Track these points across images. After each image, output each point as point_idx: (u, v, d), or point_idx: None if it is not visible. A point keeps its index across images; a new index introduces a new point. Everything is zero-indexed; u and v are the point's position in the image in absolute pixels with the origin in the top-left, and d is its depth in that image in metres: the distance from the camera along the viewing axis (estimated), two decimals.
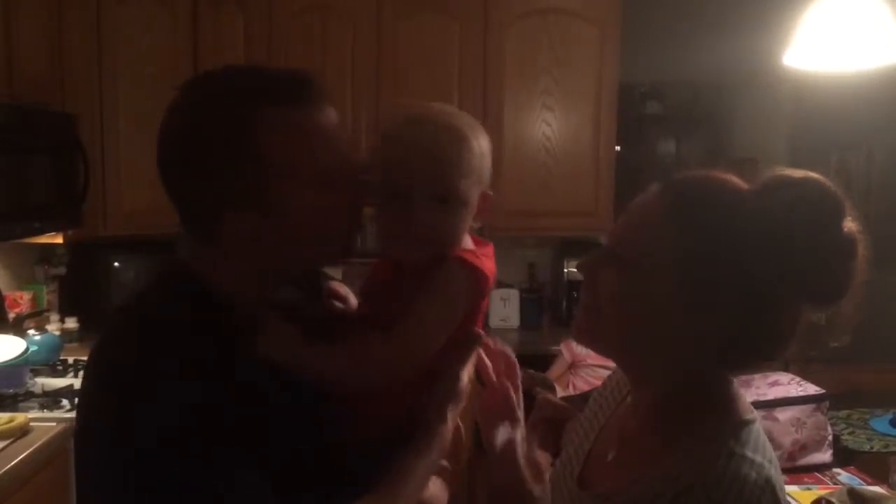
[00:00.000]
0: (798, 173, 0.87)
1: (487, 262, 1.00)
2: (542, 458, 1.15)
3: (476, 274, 0.97)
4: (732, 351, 0.86)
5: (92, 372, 0.92)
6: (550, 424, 1.13)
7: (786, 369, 2.14)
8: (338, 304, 1.14)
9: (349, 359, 0.94)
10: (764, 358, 0.89)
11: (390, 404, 0.98)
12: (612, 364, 3.21)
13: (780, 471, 0.86)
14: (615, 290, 0.87)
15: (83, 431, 0.91)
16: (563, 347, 3.14)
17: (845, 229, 0.84)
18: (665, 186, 0.89)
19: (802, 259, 0.81)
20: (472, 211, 0.99)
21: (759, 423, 0.89)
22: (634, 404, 0.97)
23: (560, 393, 3.04)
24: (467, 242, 1.02)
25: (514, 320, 3.75)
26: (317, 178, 0.90)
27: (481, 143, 0.98)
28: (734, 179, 0.88)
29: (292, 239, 0.91)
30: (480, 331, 1.04)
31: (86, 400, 0.93)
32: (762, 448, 0.85)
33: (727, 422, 0.86)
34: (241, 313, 0.94)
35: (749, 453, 0.83)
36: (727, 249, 0.82)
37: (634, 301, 0.86)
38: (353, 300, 1.16)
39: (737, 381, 0.92)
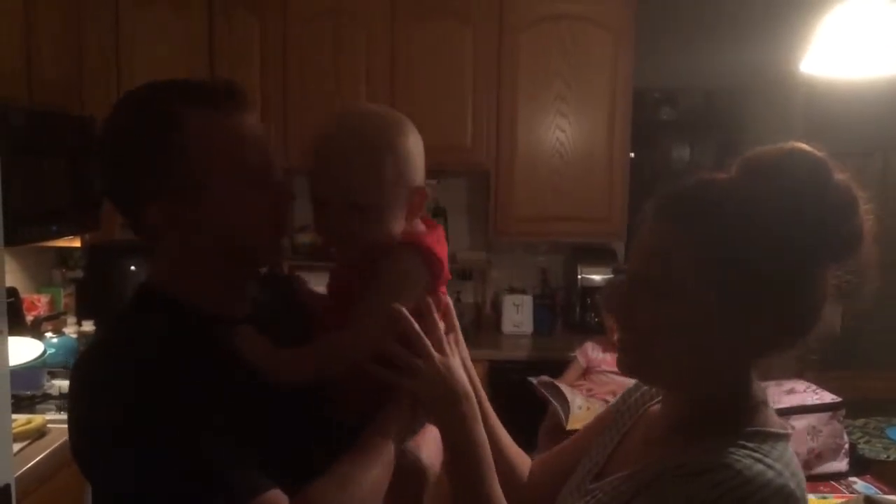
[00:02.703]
0: (774, 147, 0.88)
1: (435, 244, 1.03)
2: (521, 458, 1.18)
3: (422, 253, 1.00)
4: (775, 334, 0.87)
5: (75, 382, 0.97)
6: (560, 431, 1.13)
7: (801, 377, 2.13)
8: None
9: (313, 360, 0.98)
10: (800, 333, 0.89)
11: (367, 388, 1.01)
12: None
13: (804, 491, 0.85)
14: (653, 320, 0.87)
15: (77, 428, 0.95)
16: (578, 353, 3.14)
17: (835, 182, 0.86)
18: (661, 206, 0.89)
19: (807, 223, 0.83)
20: (400, 209, 1.02)
21: (789, 442, 0.88)
22: (663, 414, 0.97)
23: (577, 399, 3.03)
24: (417, 227, 1.06)
25: (526, 326, 3.75)
26: (233, 175, 0.96)
27: (402, 147, 1.00)
28: (716, 176, 0.90)
29: (210, 232, 0.97)
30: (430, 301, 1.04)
31: (72, 405, 0.97)
32: (787, 463, 0.84)
33: (755, 429, 0.86)
34: (206, 313, 1.00)
35: (770, 460, 0.82)
36: (741, 241, 0.84)
37: (674, 324, 0.86)
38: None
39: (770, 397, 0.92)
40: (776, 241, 0.83)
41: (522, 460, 1.20)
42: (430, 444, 1.09)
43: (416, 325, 0.98)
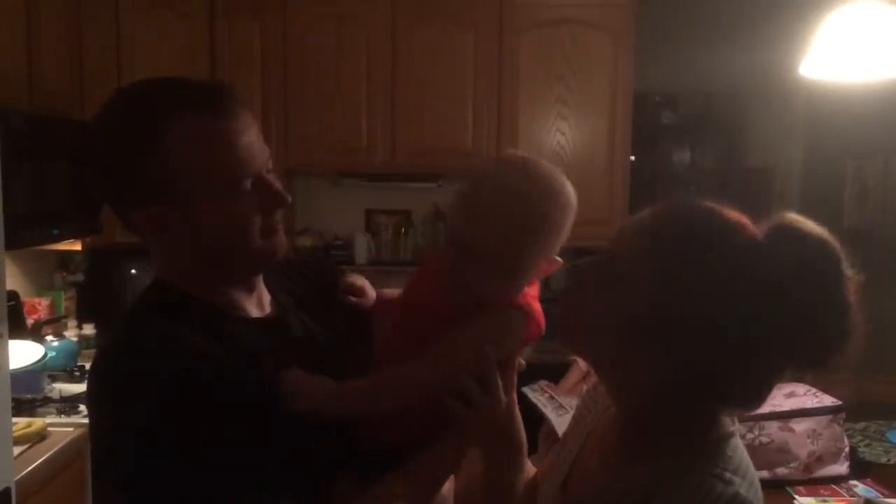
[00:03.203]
0: (805, 227, 0.81)
1: (538, 307, 1.02)
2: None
3: (528, 320, 1.00)
4: (693, 393, 0.83)
5: (92, 383, 0.97)
6: (556, 437, 1.14)
7: (802, 380, 2.13)
8: (353, 298, 1.16)
9: (380, 395, 0.96)
10: (733, 407, 0.85)
11: (413, 415, 1.00)
12: None
13: (756, 490, 0.84)
14: (598, 301, 0.87)
15: (95, 433, 0.96)
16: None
17: (844, 297, 0.79)
18: (663, 210, 0.86)
19: (792, 323, 0.78)
20: (530, 275, 1.01)
21: (737, 438, 0.87)
22: (614, 419, 0.97)
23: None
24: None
25: None
26: (218, 180, 0.95)
27: (563, 224, 1.01)
28: (736, 222, 0.83)
29: (199, 236, 0.96)
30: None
31: (91, 407, 0.98)
32: (736, 464, 0.83)
33: (702, 438, 0.85)
34: (218, 311, 0.99)
35: (717, 469, 0.81)
36: (705, 295, 0.79)
37: (611, 316, 0.85)
38: (372, 293, 1.18)
39: None
40: (746, 322, 0.78)
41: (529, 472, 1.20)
42: None
43: (497, 372, 0.98)
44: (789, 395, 2.04)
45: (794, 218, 0.83)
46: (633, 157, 3.72)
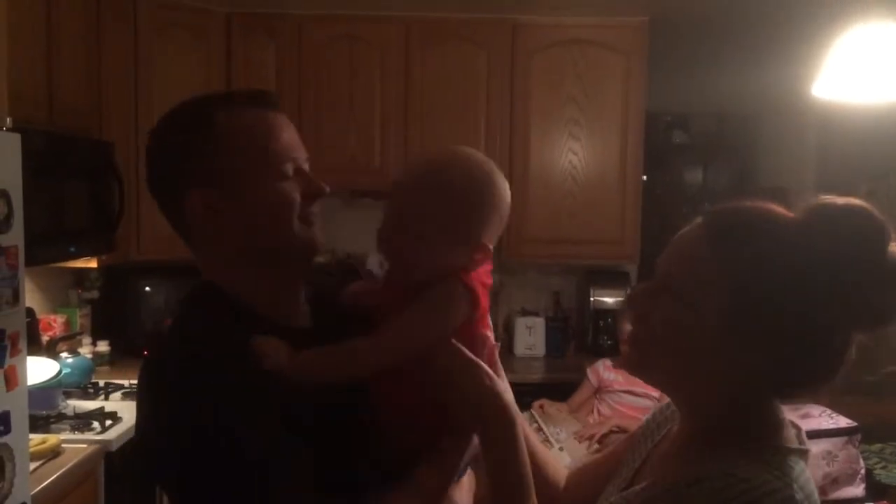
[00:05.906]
0: (841, 201, 0.87)
1: (484, 277, 1.06)
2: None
3: (466, 290, 1.03)
4: (783, 377, 0.87)
5: (143, 386, 1.00)
6: None
7: (817, 401, 2.12)
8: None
9: (335, 360, 1.00)
10: (818, 382, 0.89)
11: (420, 419, 1.02)
12: (637, 390, 3.19)
13: None
14: (668, 322, 0.88)
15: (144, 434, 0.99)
16: (589, 372, 3.13)
17: (890, 256, 0.84)
18: (709, 218, 0.91)
19: (848, 287, 0.82)
20: (462, 256, 1.05)
21: (806, 461, 0.88)
22: (680, 430, 0.98)
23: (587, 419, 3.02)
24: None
25: (539, 348, 3.75)
26: (264, 160, 1.02)
27: (500, 210, 1.11)
28: (776, 209, 0.89)
29: (251, 220, 1.02)
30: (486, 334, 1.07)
31: (141, 411, 1.01)
32: (797, 478, 0.84)
33: (765, 446, 0.86)
34: (259, 312, 1.03)
35: (779, 472, 0.82)
36: (773, 280, 0.84)
37: (687, 332, 0.87)
38: None
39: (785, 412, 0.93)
40: (811, 296, 0.83)
41: (558, 470, 1.21)
42: (463, 488, 1.09)
43: (453, 340, 1.00)
44: (804, 417, 2.03)
45: (827, 197, 0.88)
46: (645, 177, 3.73)
